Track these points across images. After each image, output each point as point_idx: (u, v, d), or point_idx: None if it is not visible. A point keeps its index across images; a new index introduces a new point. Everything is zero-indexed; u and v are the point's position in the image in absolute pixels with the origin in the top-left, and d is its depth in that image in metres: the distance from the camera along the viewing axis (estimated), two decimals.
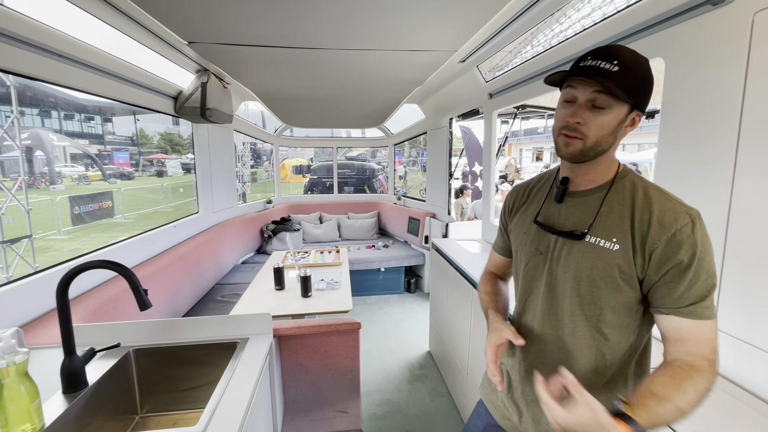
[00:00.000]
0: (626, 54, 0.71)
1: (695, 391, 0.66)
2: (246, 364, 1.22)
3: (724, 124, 1.05)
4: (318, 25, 1.69)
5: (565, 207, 0.85)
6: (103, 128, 29.28)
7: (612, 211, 0.77)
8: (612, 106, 0.71)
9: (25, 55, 1.45)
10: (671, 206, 0.73)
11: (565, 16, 1.80)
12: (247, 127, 4.41)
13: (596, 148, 0.74)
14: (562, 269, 0.82)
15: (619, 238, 0.75)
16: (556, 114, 0.78)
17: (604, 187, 0.81)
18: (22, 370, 0.86)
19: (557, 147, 0.78)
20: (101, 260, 1.03)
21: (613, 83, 0.68)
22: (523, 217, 0.95)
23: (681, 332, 0.72)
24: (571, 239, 0.80)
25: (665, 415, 0.65)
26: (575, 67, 0.74)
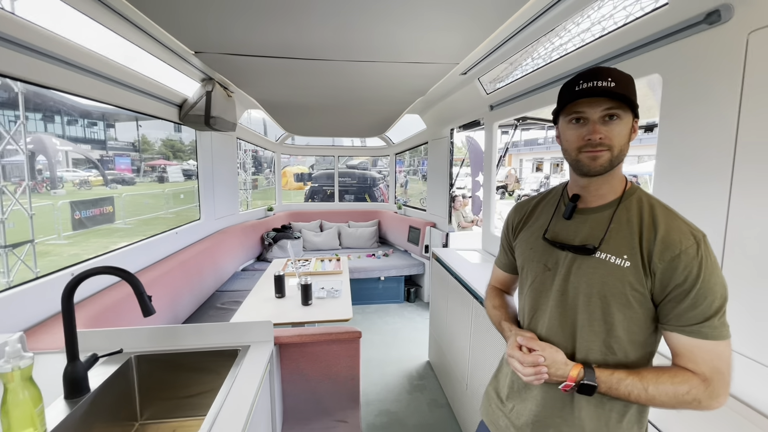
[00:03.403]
0: (614, 71, 0.75)
1: (672, 386, 0.71)
2: (247, 372, 1.22)
3: (720, 139, 1.07)
4: (322, 37, 1.72)
5: (573, 223, 0.86)
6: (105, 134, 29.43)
7: (621, 228, 0.79)
8: (622, 117, 0.75)
9: (34, 63, 1.48)
10: (676, 226, 0.74)
11: (565, 30, 1.84)
12: (250, 135, 4.45)
13: (620, 157, 0.77)
14: (572, 285, 0.82)
15: (629, 255, 0.76)
16: (567, 136, 0.80)
17: (613, 204, 0.82)
18: (27, 375, 0.87)
19: (580, 165, 0.79)
20: (107, 266, 1.04)
21: (620, 95, 0.72)
22: (528, 234, 0.95)
23: (684, 350, 0.74)
24: (582, 254, 0.81)
25: (629, 385, 0.73)
26: (574, 93, 0.76)
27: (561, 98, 0.80)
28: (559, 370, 0.78)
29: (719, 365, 0.71)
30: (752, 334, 1.02)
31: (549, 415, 0.87)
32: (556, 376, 0.78)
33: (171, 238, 2.78)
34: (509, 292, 1.13)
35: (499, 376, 1.06)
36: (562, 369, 0.78)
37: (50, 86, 1.60)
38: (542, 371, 0.78)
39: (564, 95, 0.79)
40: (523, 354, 0.81)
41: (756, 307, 1.01)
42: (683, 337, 0.73)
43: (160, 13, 1.53)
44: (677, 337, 0.74)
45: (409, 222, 4.74)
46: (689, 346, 0.72)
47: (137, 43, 1.92)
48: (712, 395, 0.70)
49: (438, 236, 3.92)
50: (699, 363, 0.72)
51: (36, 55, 1.48)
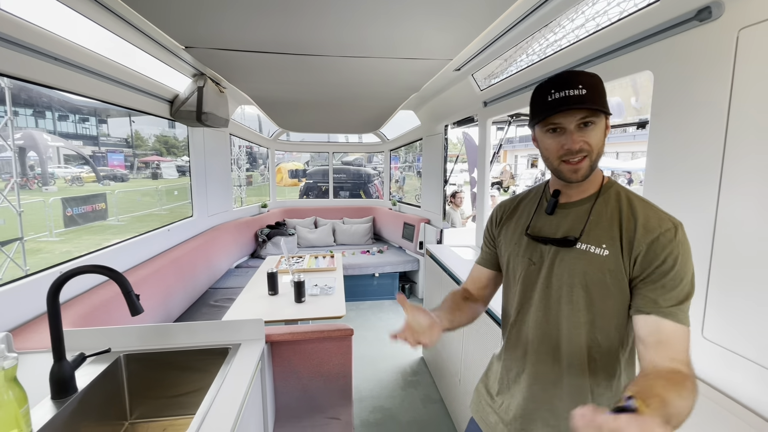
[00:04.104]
0: (582, 76, 0.76)
1: (691, 398, 0.62)
2: (237, 370, 1.21)
3: (710, 135, 1.08)
4: (315, 32, 1.70)
5: (556, 218, 0.88)
6: (97, 130, 29.11)
7: (601, 220, 0.81)
8: (597, 122, 0.77)
9: (22, 58, 1.45)
10: (655, 213, 0.78)
11: (559, 26, 1.83)
12: (243, 131, 4.41)
13: (598, 159, 0.80)
14: (555, 277, 0.84)
15: (608, 244, 0.78)
16: (546, 146, 0.81)
17: (592, 197, 0.85)
18: (11, 376, 0.86)
19: (562, 175, 0.81)
20: (93, 265, 1.03)
21: (592, 103, 0.74)
22: (512, 229, 0.97)
23: (662, 334, 0.71)
24: (564, 246, 0.83)
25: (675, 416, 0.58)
26: (548, 103, 0.77)
27: (534, 108, 0.81)
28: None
29: (689, 352, 0.71)
30: (742, 331, 1.02)
31: (536, 408, 0.88)
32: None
33: (163, 236, 2.76)
34: (479, 293, 1.08)
35: (489, 373, 1.07)
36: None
37: (38, 82, 1.57)
38: None
39: (537, 106, 0.80)
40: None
41: (745, 302, 1.01)
42: (663, 320, 0.72)
43: (149, 8, 1.50)
44: (656, 321, 0.72)
45: (403, 218, 4.74)
46: (670, 331, 0.71)
47: (126, 38, 1.88)
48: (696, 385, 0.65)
49: (432, 232, 3.92)
50: (680, 351, 0.70)
51: (23, 51, 1.45)
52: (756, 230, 0.98)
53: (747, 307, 1.01)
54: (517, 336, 0.94)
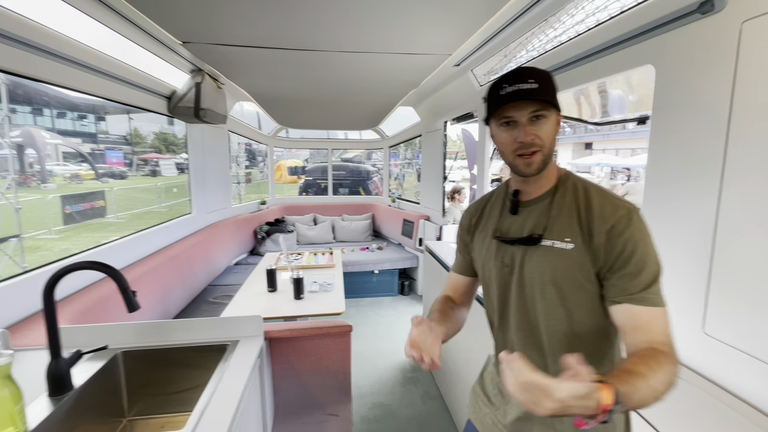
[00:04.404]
0: (534, 71, 0.78)
1: (664, 372, 0.64)
2: (236, 367, 1.21)
3: (712, 130, 1.06)
4: (313, 27, 1.68)
5: (520, 217, 0.89)
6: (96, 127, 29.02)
7: (561, 213, 0.82)
8: (548, 115, 0.79)
9: (17, 53, 1.44)
10: (609, 201, 0.79)
11: (559, 21, 1.82)
12: (242, 128, 4.39)
13: (551, 153, 0.81)
14: (527, 276, 0.84)
15: (572, 238, 0.79)
16: (501, 140, 0.83)
17: (550, 192, 0.86)
18: (5, 373, 0.85)
19: (517, 169, 0.82)
20: (89, 261, 1.02)
21: (543, 96, 0.76)
22: (483, 234, 0.97)
23: (637, 320, 0.73)
24: (530, 245, 0.83)
25: (642, 390, 0.61)
26: (501, 96, 0.78)
27: (489, 103, 0.82)
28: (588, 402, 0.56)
29: (669, 332, 0.73)
30: (745, 327, 1.02)
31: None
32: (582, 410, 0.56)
33: (162, 232, 2.75)
34: (460, 300, 1.07)
35: (484, 375, 1.06)
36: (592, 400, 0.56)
37: (34, 77, 1.56)
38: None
39: (491, 100, 0.81)
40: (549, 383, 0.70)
41: (747, 299, 1.01)
42: (638, 307, 0.73)
43: (146, 2, 1.49)
44: (631, 309, 0.74)
45: (403, 215, 4.73)
46: (646, 317, 0.73)
47: (123, 33, 1.87)
48: (677, 362, 0.68)
49: (432, 229, 3.92)
50: (658, 333, 0.71)
51: (19, 46, 1.44)
52: (758, 226, 0.97)
53: (749, 303, 1.00)
54: (503, 340, 0.94)
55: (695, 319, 1.13)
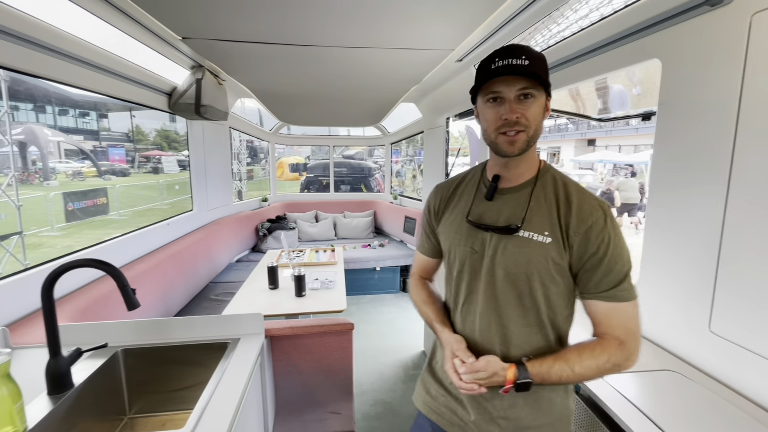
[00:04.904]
0: (529, 49, 0.76)
1: (594, 360, 0.76)
2: (236, 365, 1.20)
3: (720, 125, 1.04)
4: (315, 22, 1.66)
5: (496, 204, 0.87)
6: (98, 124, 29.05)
7: (540, 206, 0.82)
8: (537, 96, 0.77)
9: (17, 50, 1.43)
10: (586, 200, 0.80)
11: (562, 16, 1.79)
12: (243, 125, 4.38)
13: (536, 136, 0.80)
14: (500, 266, 0.83)
15: (550, 232, 0.80)
16: (486, 116, 0.81)
17: (530, 182, 0.85)
18: (4, 372, 0.84)
19: (499, 148, 0.81)
20: (87, 259, 1.01)
21: (534, 74, 0.74)
22: (452, 217, 0.94)
23: (601, 315, 0.80)
24: (506, 234, 0.83)
25: (558, 370, 0.77)
26: (491, 70, 0.76)
27: (478, 77, 0.80)
28: (497, 377, 0.78)
29: (631, 325, 0.78)
30: (752, 326, 1.00)
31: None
32: (496, 383, 0.79)
33: (163, 230, 2.74)
34: (432, 278, 1.12)
35: (433, 363, 1.03)
36: (501, 375, 0.78)
37: (34, 74, 1.54)
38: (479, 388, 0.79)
39: (480, 74, 0.79)
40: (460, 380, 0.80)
41: (755, 296, 0.99)
42: (601, 303, 0.79)
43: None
44: (596, 304, 0.79)
45: (404, 212, 4.72)
46: (606, 312, 0.79)
47: (122, 29, 1.85)
48: (628, 357, 0.77)
49: None
50: (614, 327, 0.78)
51: (19, 42, 1.42)
52: (766, 224, 0.95)
53: (757, 301, 0.98)
54: (462, 324, 0.92)
55: (701, 317, 1.12)
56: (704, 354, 1.13)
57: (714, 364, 1.10)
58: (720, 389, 1.04)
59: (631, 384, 1.07)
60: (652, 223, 1.29)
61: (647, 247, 1.31)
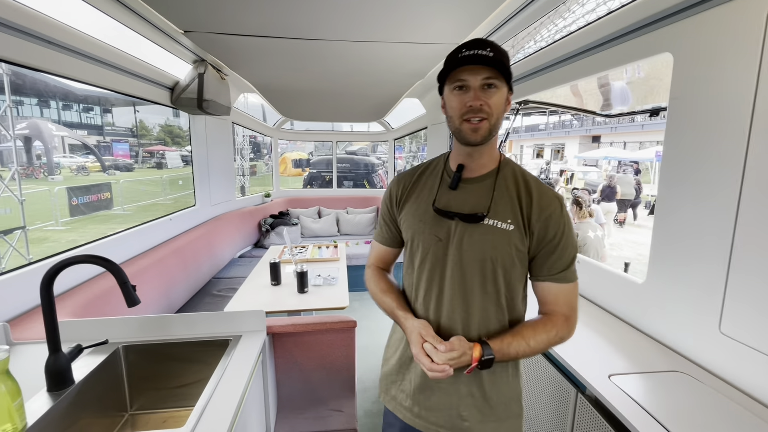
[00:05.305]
0: (492, 43, 0.82)
1: (546, 334, 0.85)
2: (238, 362, 1.19)
3: (734, 122, 1.02)
4: (318, 15, 1.64)
5: (460, 193, 0.91)
6: (102, 119, 29.12)
7: (503, 195, 0.88)
8: (499, 87, 0.82)
9: (19, 43, 1.41)
10: (544, 192, 0.88)
11: (569, 11, 1.76)
12: (246, 120, 4.36)
13: (497, 126, 0.85)
14: (466, 253, 0.87)
15: (512, 219, 0.86)
16: (451, 104, 0.85)
17: (492, 173, 0.91)
18: (3, 368, 0.83)
19: (463, 135, 0.85)
20: (87, 255, 1.00)
21: (497, 64, 0.79)
22: (415, 206, 0.96)
23: (551, 294, 0.89)
24: (472, 222, 0.87)
25: (516, 346, 0.84)
26: (457, 59, 0.81)
27: (445, 67, 0.84)
28: (465, 356, 0.82)
29: (574, 303, 0.89)
30: (764, 327, 0.98)
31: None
32: (464, 362, 0.82)
33: (165, 225, 2.73)
34: (389, 269, 1.13)
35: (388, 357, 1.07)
36: (468, 354, 0.82)
37: (36, 67, 1.53)
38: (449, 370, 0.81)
39: (448, 63, 0.84)
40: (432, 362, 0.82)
41: None
42: (552, 284, 0.88)
43: None
44: (547, 285, 0.88)
45: None
46: (555, 292, 0.88)
47: (124, 22, 1.83)
48: (570, 330, 0.88)
49: None
50: (561, 304, 0.88)
51: (21, 35, 1.41)
52: None
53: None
54: (425, 311, 0.94)
55: (711, 318, 1.10)
56: (714, 355, 1.10)
57: (724, 366, 1.07)
58: (730, 391, 1.02)
59: (639, 385, 1.06)
60: (661, 220, 1.27)
61: (656, 245, 1.29)
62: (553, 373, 1.28)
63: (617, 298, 1.51)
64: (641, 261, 6.36)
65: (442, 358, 0.80)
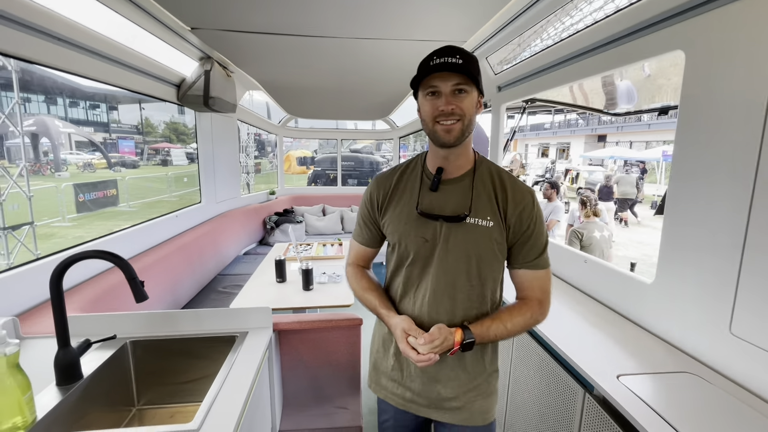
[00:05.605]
0: (461, 50, 0.86)
1: (521, 317, 0.93)
2: (244, 359, 1.19)
3: (747, 120, 1.00)
4: (325, 13, 1.64)
5: (441, 195, 0.96)
6: (108, 116, 29.29)
7: (481, 194, 0.94)
8: (470, 91, 0.87)
9: (27, 39, 1.42)
10: (518, 187, 0.95)
11: (576, 9, 1.74)
12: (251, 117, 4.37)
13: (470, 127, 0.90)
14: (452, 252, 0.93)
15: (491, 216, 0.93)
16: (425, 108, 0.90)
17: (469, 173, 0.96)
18: (13, 362, 0.84)
19: (437, 136, 0.89)
20: (96, 250, 1.00)
21: (466, 71, 0.83)
22: (398, 209, 1.00)
23: (525, 281, 0.97)
24: (456, 222, 0.93)
25: (495, 329, 0.91)
26: (429, 67, 0.85)
27: (418, 74, 0.89)
28: (447, 341, 0.88)
29: (547, 287, 0.97)
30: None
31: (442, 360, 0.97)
32: (447, 347, 0.88)
33: (171, 222, 2.75)
34: (368, 266, 1.16)
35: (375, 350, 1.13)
36: (450, 338, 0.88)
37: (43, 63, 1.53)
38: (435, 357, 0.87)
39: (420, 70, 0.88)
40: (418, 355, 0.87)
41: None
42: (527, 271, 0.96)
43: None
44: (523, 273, 0.96)
45: None
46: (530, 278, 0.96)
47: (132, 19, 1.83)
48: (543, 312, 0.96)
49: None
50: (536, 289, 0.96)
51: (28, 31, 1.41)
52: None
53: None
54: (412, 307, 0.98)
55: (722, 319, 1.09)
56: (724, 356, 1.09)
57: (734, 367, 1.06)
58: (741, 393, 1.01)
59: (647, 386, 1.05)
60: (671, 219, 1.25)
61: (665, 245, 1.28)
62: (560, 372, 1.27)
63: (626, 298, 1.49)
64: (646, 261, 6.31)
65: (426, 348, 0.86)
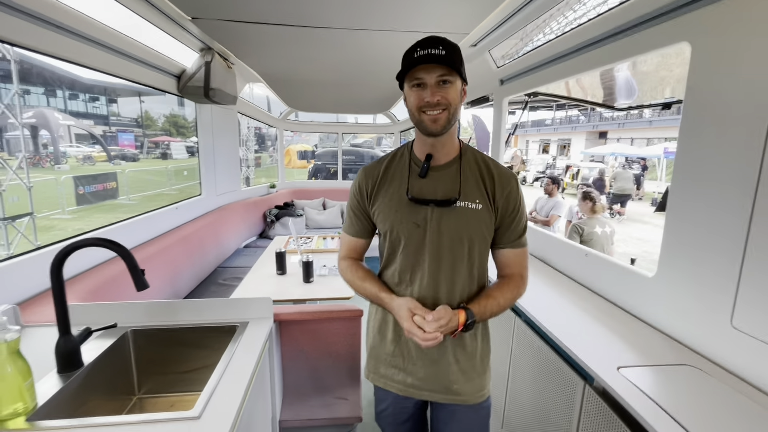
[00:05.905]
0: (444, 40, 0.88)
1: (510, 293, 0.99)
2: (245, 349, 1.19)
3: (753, 115, 0.99)
4: (326, 3, 1.62)
5: (430, 181, 0.99)
6: (108, 109, 29.17)
7: (468, 179, 0.99)
8: (454, 81, 0.90)
9: (26, 26, 1.40)
10: (503, 171, 1.01)
11: (579, 2, 1.72)
12: (252, 110, 4.35)
13: (456, 115, 0.93)
14: (444, 235, 0.97)
15: (480, 199, 0.97)
16: (411, 99, 0.93)
17: (456, 160, 1.01)
18: (14, 349, 0.84)
19: (424, 126, 0.92)
20: (97, 238, 1.00)
21: (450, 62, 0.86)
22: (388, 197, 1.02)
23: (509, 259, 1.03)
24: (447, 206, 0.96)
25: (490, 307, 0.96)
26: (413, 59, 0.87)
27: (403, 66, 0.91)
28: (452, 322, 0.91)
29: (526, 264, 1.05)
30: None
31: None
32: (451, 328, 0.91)
33: (171, 213, 2.74)
34: (361, 258, 1.18)
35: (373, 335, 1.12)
36: (454, 320, 0.91)
37: (42, 51, 1.52)
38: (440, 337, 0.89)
39: (404, 63, 0.91)
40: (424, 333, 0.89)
41: None
42: (510, 250, 1.02)
43: None
44: (507, 251, 1.03)
45: None
46: (513, 256, 1.03)
47: (132, 7, 1.82)
48: (525, 285, 1.03)
49: None
50: (517, 266, 1.03)
51: (27, 18, 1.40)
52: None
53: None
54: (410, 293, 1.01)
55: (723, 312, 1.08)
56: (725, 349, 1.09)
57: (735, 360, 1.06)
58: (741, 386, 1.01)
59: (648, 378, 1.05)
60: (673, 213, 1.25)
61: (667, 239, 1.27)
62: (560, 364, 1.28)
63: (627, 292, 1.49)
64: (646, 258, 6.32)
65: (433, 326, 0.88)
